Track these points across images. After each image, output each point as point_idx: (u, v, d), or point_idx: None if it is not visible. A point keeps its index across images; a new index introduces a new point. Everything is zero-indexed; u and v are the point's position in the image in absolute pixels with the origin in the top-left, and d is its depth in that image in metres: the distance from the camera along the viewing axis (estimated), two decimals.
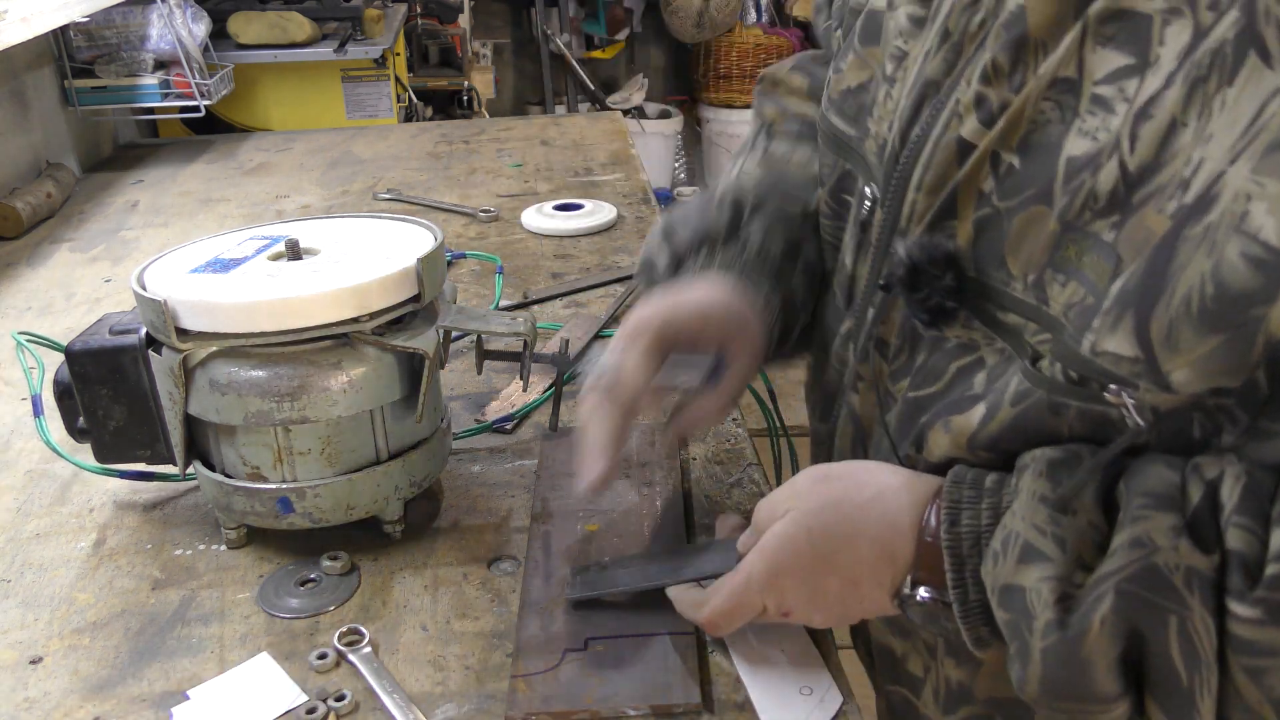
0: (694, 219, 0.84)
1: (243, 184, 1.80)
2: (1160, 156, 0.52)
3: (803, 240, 0.82)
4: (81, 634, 0.75)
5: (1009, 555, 0.57)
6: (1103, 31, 0.55)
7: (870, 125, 0.73)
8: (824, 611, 0.66)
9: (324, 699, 0.66)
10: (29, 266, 1.47)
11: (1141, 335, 0.51)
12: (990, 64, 0.59)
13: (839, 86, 0.77)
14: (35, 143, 1.80)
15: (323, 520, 0.79)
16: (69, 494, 0.91)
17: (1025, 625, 0.56)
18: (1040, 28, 0.57)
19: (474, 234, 1.52)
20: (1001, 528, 0.59)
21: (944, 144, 0.62)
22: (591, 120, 2.15)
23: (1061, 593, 0.55)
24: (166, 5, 1.95)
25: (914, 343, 0.68)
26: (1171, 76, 0.52)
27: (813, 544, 0.64)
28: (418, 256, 0.78)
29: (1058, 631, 0.54)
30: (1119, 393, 0.54)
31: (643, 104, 4.58)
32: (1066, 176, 0.56)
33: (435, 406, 0.84)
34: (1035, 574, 0.56)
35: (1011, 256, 0.60)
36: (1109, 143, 0.54)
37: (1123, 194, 0.54)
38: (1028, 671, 0.56)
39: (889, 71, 0.71)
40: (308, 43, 2.41)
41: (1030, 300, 0.59)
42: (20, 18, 1.43)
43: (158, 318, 0.74)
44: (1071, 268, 0.56)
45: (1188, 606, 0.51)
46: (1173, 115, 0.51)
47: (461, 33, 3.64)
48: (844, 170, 0.77)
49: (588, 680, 0.67)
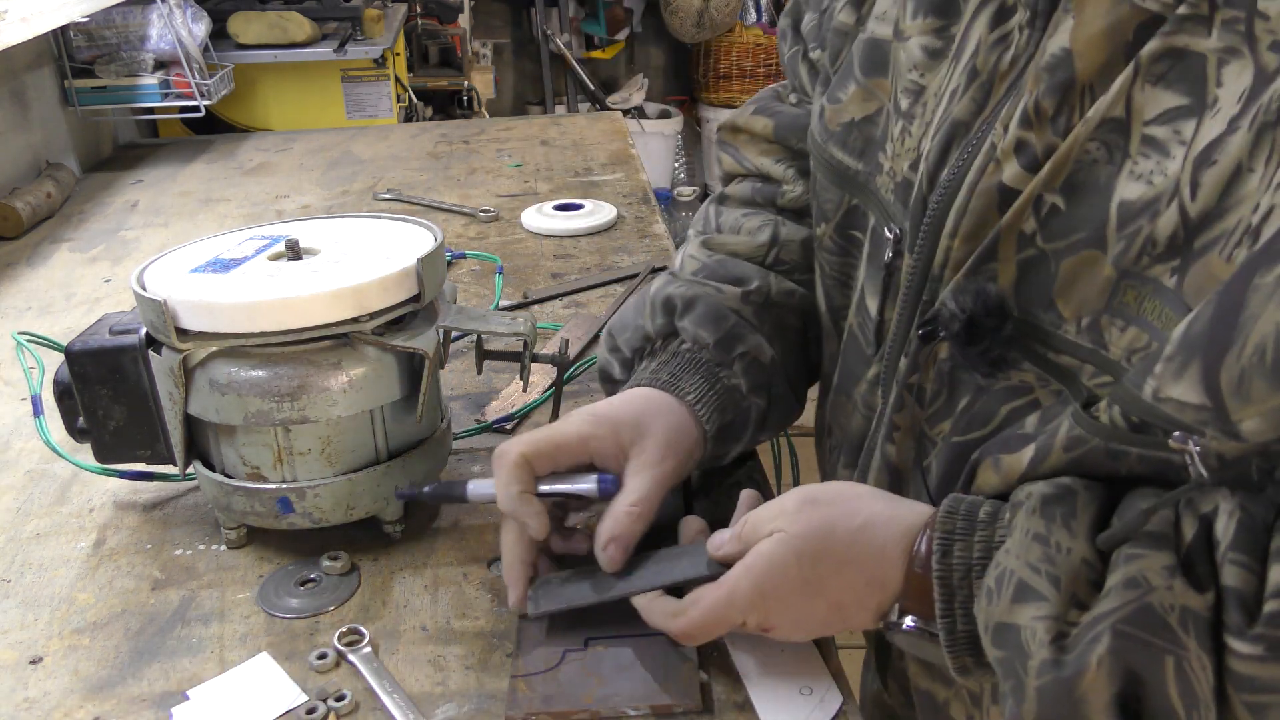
0: (631, 324, 0.84)
1: (243, 184, 1.80)
2: (1224, 202, 0.51)
3: (740, 332, 0.80)
4: (81, 634, 0.75)
5: (1003, 593, 0.57)
6: (1153, 70, 0.54)
7: (883, 161, 0.72)
8: (807, 630, 0.66)
9: (324, 699, 0.66)
10: (29, 266, 1.47)
11: (1210, 383, 0.49)
12: (1033, 108, 0.58)
13: (839, 118, 0.75)
14: (35, 143, 1.80)
15: (323, 520, 0.79)
16: (69, 494, 0.91)
17: (1020, 664, 0.55)
18: (1088, 71, 0.56)
19: (474, 234, 1.52)
20: (995, 565, 0.58)
21: (982, 191, 0.61)
22: (591, 120, 2.15)
23: (1056, 632, 0.54)
24: (166, 5, 1.95)
25: (953, 386, 0.66)
26: (1235, 121, 0.51)
27: (801, 568, 0.63)
28: (418, 256, 0.78)
29: (1053, 671, 0.53)
30: (1184, 439, 0.52)
31: (643, 104, 4.58)
32: (1121, 221, 0.55)
33: (435, 406, 0.84)
34: (1030, 612, 0.55)
35: (1061, 299, 0.59)
36: (1167, 188, 0.53)
37: (1183, 239, 0.53)
38: (1022, 709, 0.55)
39: (905, 106, 0.69)
40: (308, 43, 2.41)
41: (1085, 344, 0.58)
42: (20, 18, 1.43)
43: (158, 318, 0.74)
44: (1131, 313, 0.55)
45: (1184, 646, 0.51)
46: (1238, 161, 0.50)
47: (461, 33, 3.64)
48: (851, 205, 0.76)
49: (588, 680, 0.67)
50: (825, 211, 0.79)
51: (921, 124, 0.68)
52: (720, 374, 0.79)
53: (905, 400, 0.69)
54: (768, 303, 0.83)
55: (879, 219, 0.73)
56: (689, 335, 0.80)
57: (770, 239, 0.86)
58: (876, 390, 0.73)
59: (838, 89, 0.76)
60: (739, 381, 0.79)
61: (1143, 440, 0.55)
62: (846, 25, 0.77)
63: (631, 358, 0.84)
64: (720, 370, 0.79)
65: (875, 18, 0.73)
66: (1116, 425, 0.56)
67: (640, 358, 0.84)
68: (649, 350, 0.83)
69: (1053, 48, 0.58)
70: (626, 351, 0.84)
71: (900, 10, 0.71)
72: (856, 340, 0.77)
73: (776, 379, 0.82)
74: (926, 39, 0.68)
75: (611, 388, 0.86)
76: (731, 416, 0.79)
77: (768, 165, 0.91)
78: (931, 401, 0.68)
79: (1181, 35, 0.53)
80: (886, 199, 0.71)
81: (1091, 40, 0.56)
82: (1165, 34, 0.54)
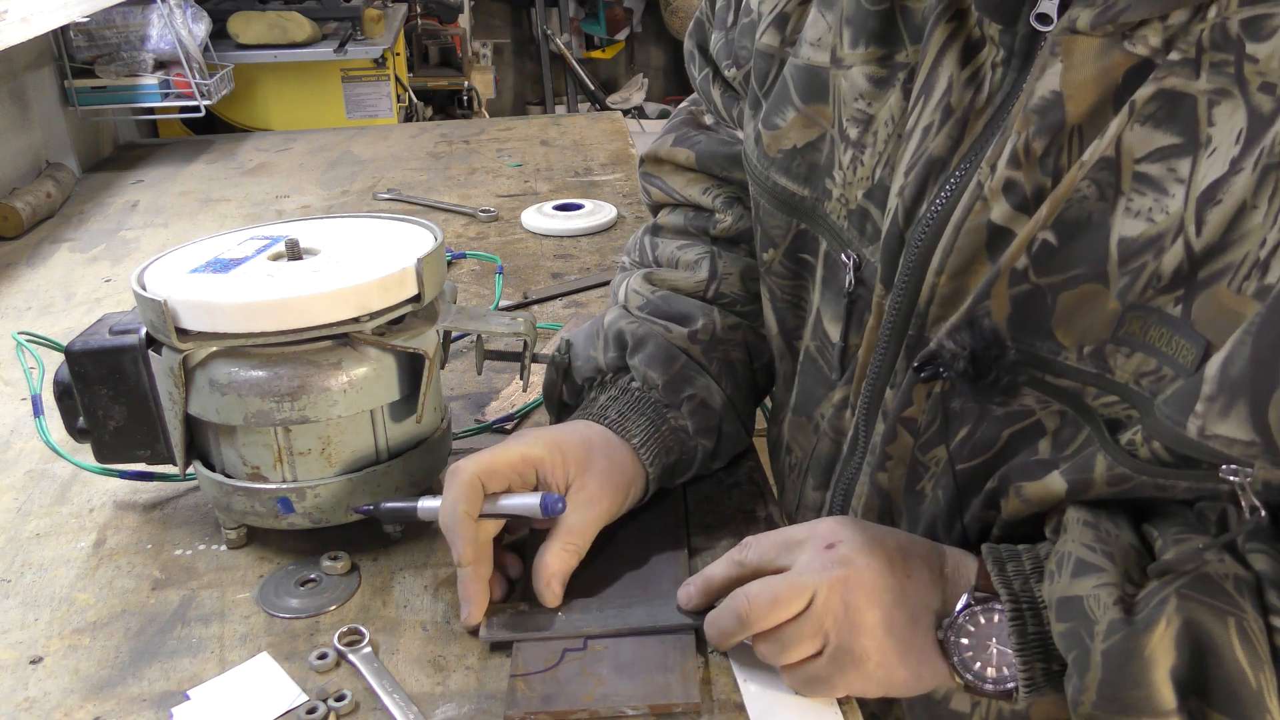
0: (583, 354, 0.86)
1: (243, 184, 1.80)
2: (1228, 237, 0.53)
3: (688, 374, 0.82)
4: (81, 634, 0.75)
5: (1063, 571, 0.59)
6: (1143, 111, 0.56)
7: (831, 187, 0.73)
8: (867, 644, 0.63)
9: (324, 699, 0.66)
10: (29, 266, 1.47)
11: (1258, 421, 0.51)
12: (1023, 149, 0.59)
13: (780, 145, 0.76)
14: (35, 143, 1.80)
15: (323, 520, 0.79)
16: (69, 494, 0.91)
17: (1085, 630, 0.57)
18: (1078, 114, 0.58)
19: (474, 234, 1.52)
20: (1053, 554, 0.61)
21: (970, 229, 0.62)
22: (591, 120, 2.15)
23: (1119, 596, 0.56)
24: (166, 5, 1.95)
25: (948, 415, 0.67)
26: (1237, 162, 0.53)
27: (872, 560, 0.63)
28: (418, 256, 0.78)
29: (1123, 629, 0.55)
30: (1235, 471, 0.54)
31: (643, 104, 4.58)
32: (1123, 258, 0.57)
33: (435, 406, 0.85)
34: (1091, 583, 0.57)
35: (1061, 330, 0.60)
36: (1171, 225, 0.55)
37: (1187, 272, 0.55)
38: (1085, 679, 0.56)
39: (854, 136, 0.70)
40: (308, 43, 2.41)
41: (1089, 369, 0.60)
42: (20, 18, 1.43)
43: (158, 318, 0.74)
44: (1137, 341, 0.57)
45: (1243, 609, 0.54)
46: (1242, 200, 0.52)
47: (461, 33, 3.65)
48: (799, 230, 0.77)
49: (587, 680, 0.67)
50: (772, 237, 0.79)
51: (874, 153, 0.69)
52: (668, 415, 0.81)
53: (898, 432, 0.69)
54: (714, 340, 0.85)
55: (831, 244, 0.74)
56: (639, 375, 0.82)
57: (710, 274, 0.88)
58: (844, 414, 0.75)
59: (774, 115, 0.76)
60: (685, 423, 0.81)
61: (1192, 474, 0.57)
62: (772, 48, 0.77)
63: (582, 386, 0.86)
64: (668, 411, 0.81)
65: (809, 44, 0.73)
66: (1162, 460, 0.57)
67: (590, 387, 0.86)
68: (599, 382, 0.85)
69: (1042, 90, 0.59)
70: (578, 380, 0.86)
71: (836, 38, 0.71)
72: (816, 363, 0.78)
73: (727, 418, 0.84)
74: (870, 68, 0.69)
75: (557, 412, 0.89)
76: (676, 457, 0.81)
77: (696, 195, 0.93)
78: (925, 430, 0.69)
79: (1171, 78, 0.55)
80: (839, 225, 0.72)
81: (1083, 84, 0.57)
82: (1157, 78, 0.55)
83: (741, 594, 0.65)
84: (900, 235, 0.66)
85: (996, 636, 0.61)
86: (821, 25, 0.72)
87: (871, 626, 0.62)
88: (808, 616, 0.63)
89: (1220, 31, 0.53)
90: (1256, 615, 0.54)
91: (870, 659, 0.62)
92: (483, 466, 0.73)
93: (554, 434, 0.77)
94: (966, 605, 0.62)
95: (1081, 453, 0.61)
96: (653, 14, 4.55)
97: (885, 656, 0.62)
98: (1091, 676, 0.56)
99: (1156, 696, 0.55)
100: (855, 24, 0.70)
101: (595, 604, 0.72)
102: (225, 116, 2.47)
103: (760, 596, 0.64)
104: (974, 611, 0.62)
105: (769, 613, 0.63)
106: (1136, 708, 0.55)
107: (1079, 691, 0.57)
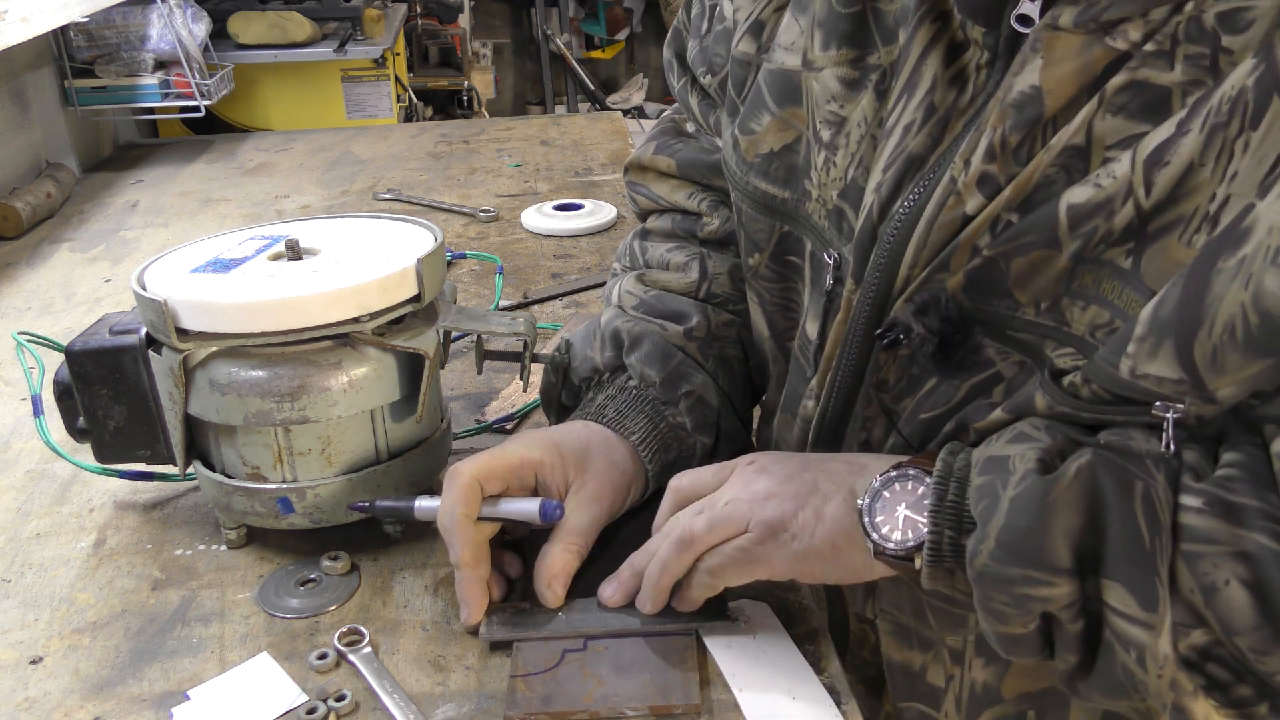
0: (580, 354, 0.86)
1: (243, 184, 1.80)
2: (1176, 193, 0.54)
3: (685, 371, 0.82)
4: (81, 634, 0.75)
5: (1001, 439, 0.61)
6: (1115, 101, 0.56)
7: (809, 188, 0.73)
8: (777, 506, 0.66)
9: (324, 699, 0.66)
10: (29, 266, 1.47)
11: (1184, 359, 0.54)
12: (999, 142, 0.60)
13: (757, 149, 0.76)
14: (35, 143, 1.80)
15: (323, 520, 0.79)
16: (69, 494, 0.91)
17: (1000, 481, 0.58)
18: (1055, 107, 0.58)
19: (474, 234, 1.52)
20: (1000, 432, 0.62)
21: (944, 223, 0.63)
22: (591, 120, 2.15)
23: (1042, 457, 0.58)
24: (166, 5, 1.95)
25: (914, 375, 0.68)
26: (1184, 124, 0.53)
27: (788, 458, 0.69)
28: (418, 256, 0.78)
29: (1033, 477, 0.57)
30: (1165, 408, 0.56)
31: (643, 104, 4.59)
32: (1072, 223, 0.58)
33: (435, 406, 0.85)
34: (1023, 446, 0.59)
35: (1018, 289, 0.61)
36: (1119, 189, 0.56)
37: (1137, 226, 0.56)
38: (988, 527, 0.57)
39: (826, 137, 0.71)
40: (308, 43, 2.41)
41: (1047, 322, 0.61)
42: (20, 18, 1.43)
43: (158, 318, 0.74)
44: (1090, 293, 0.59)
45: (1153, 477, 0.55)
46: (1190, 160, 0.53)
47: (461, 33, 3.65)
48: (783, 232, 0.77)
49: (587, 680, 0.67)
50: (757, 241, 0.80)
51: (846, 154, 0.70)
52: (665, 412, 0.81)
53: (871, 397, 0.71)
54: (709, 337, 0.85)
55: (815, 244, 0.74)
56: (636, 373, 0.82)
57: (700, 274, 0.89)
58: (810, 402, 0.76)
59: (750, 120, 0.77)
60: (683, 420, 0.81)
61: (1125, 410, 0.58)
62: (748, 55, 0.77)
63: (579, 387, 0.86)
64: (666, 409, 0.81)
65: (782, 48, 0.74)
66: (1101, 399, 0.59)
67: (588, 388, 0.86)
68: (596, 381, 0.85)
69: (1020, 85, 0.59)
70: (575, 380, 0.86)
71: (808, 40, 0.72)
72: (798, 362, 0.79)
73: (725, 415, 0.84)
74: (842, 70, 0.70)
75: (557, 414, 0.88)
76: (675, 454, 0.81)
77: (681, 200, 0.93)
78: (894, 387, 0.70)
79: (1144, 69, 0.55)
80: (820, 225, 0.73)
81: (1062, 79, 0.58)
82: (1130, 68, 0.56)
83: (677, 520, 0.69)
84: (873, 231, 0.67)
85: (907, 503, 0.62)
86: (795, 29, 0.73)
87: (789, 497, 0.66)
88: (731, 499, 0.67)
89: (1196, 25, 0.54)
90: (1166, 488, 0.55)
91: (787, 528, 0.65)
92: (481, 469, 0.73)
93: (552, 436, 0.77)
94: (885, 473, 0.64)
95: (1024, 391, 0.63)
96: (653, 14, 4.55)
97: (803, 525, 0.65)
98: (994, 524, 0.57)
99: (1052, 549, 0.55)
100: (827, 27, 0.70)
101: (595, 604, 0.72)
102: (225, 116, 2.47)
103: (698, 518, 0.68)
104: (890, 478, 0.63)
105: (707, 532, 0.67)
106: (1030, 558, 0.56)
107: (979, 541, 0.58)
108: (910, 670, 0.76)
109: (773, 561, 0.66)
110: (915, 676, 0.76)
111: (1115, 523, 0.55)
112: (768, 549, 0.66)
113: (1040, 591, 0.56)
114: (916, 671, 0.76)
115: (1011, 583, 0.56)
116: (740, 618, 0.71)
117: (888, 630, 0.77)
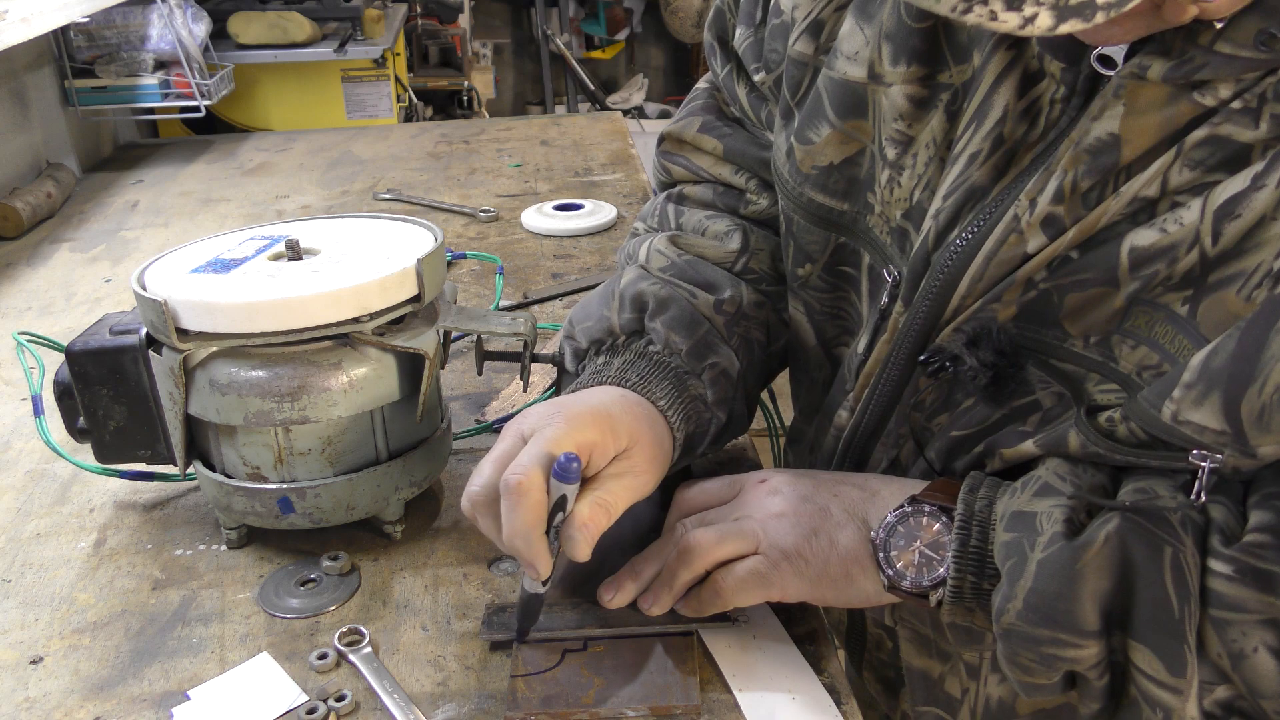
0: (595, 314, 0.80)
1: (243, 184, 1.80)
2: (1243, 245, 0.54)
3: (711, 341, 0.78)
4: (82, 634, 0.75)
5: (1026, 490, 0.61)
6: (1192, 155, 0.56)
7: (872, 201, 0.72)
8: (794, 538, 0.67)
9: (324, 699, 0.66)
10: (29, 266, 1.47)
11: (1230, 412, 0.54)
12: (1070, 186, 0.59)
13: (814, 161, 0.74)
14: (35, 143, 1.80)
15: (323, 520, 0.79)
16: (69, 494, 0.91)
17: (1028, 541, 0.58)
18: (1132, 156, 0.58)
19: (474, 234, 1.52)
20: (1025, 478, 0.62)
21: (1001, 260, 0.62)
22: (591, 120, 2.15)
23: (1069, 517, 0.58)
24: (166, 5, 1.95)
25: (951, 392, 0.68)
26: (1260, 178, 0.53)
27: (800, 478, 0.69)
28: (418, 256, 0.78)
29: (1061, 541, 0.56)
30: (1203, 457, 0.56)
31: (643, 104, 4.59)
32: (1133, 264, 0.57)
33: (435, 406, 0.85)
34: (1049, 502, 0.59)
35: (1068, 321, 0.61)
36: (1185, 237, 0.56)
37: (1198, 274, 0.56)
38: (1016, 587, 0.58)
39: (892, 157, 0.69)
40: (308, 43, 2.41)
41: (1094, 356, 0.61)
42: (20, 18, 1.43)
43: (158, 318, 0.74)
44: (1142, 334, 0.58)
45: (1182, 542, 0.55)
46: (1263, 214, 0.53)
47: (461, 33, 3.65)
48: (839, 243, 0.76)
49: (587, 680, 0.67)
50: (810, 253, 0.78)
51: (913, 175, 0.68)
52: (688, 382, 0.76)
53: (908, 417, 0.71)
54: (739, 314, 0.81)
55: (875, 259, 0.73)
56: (660, 338, 0.77)
57: (741, 246, 0.84)
58: (845, 413, 0.75)
59: (808, 129, 0.74)
60: (705, 392, 0.77)
61: (1160, 455, 0.58)
62: (805, 55, 0.75)
63: (587, 349, 0.80)
64: (689, 378, 0.76)
65: (845, 57, 0.71)
66: (1135, 439, 0.58)
67: (599, 351, 0.80)
68: (609, 345, 0.79)
69: (1098, 131, 0.58)
70: (583, 341, 0.80)
71: (875, 53, 0.69)
72: (841, 371, 0.78)
73: (738, 395, 0.80)
74: (911, 88, 0.68)
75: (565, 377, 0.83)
76: (694, 428, 0.76)
77: (727, 175, 0.89)
78: (929, 406, 0.70)
79: (1227, 125, 0.55)
80: (882, 240, 0.72)
81: (1143, 129, 0.57)
82: (1212, 124, 0.55)
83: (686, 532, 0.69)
84: (927, 258, 0.66)
85: (922, 540, 0.62)
86: (859, 38, 0.70)
87: (803, 521, 0.66)
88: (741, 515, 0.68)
89: None
90: (1195, 552, 0.55)
91: (801, 554, 0.66)
92: (542, 474, 0.65)
93: (602, 410, 0.69)
94: (900, 508, 0.64)
95: (1058, 428, 0.62)
96: (653, 14, 4.55)
97: (816, 552, 0.66)
98: (1022, 585, 0.57)
99: (1080, 613, 0.56)
100: (896, 41, 0.68)
101: (595, 604, 0.72)
102: (225, 116, 2.46)
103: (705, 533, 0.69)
104: (905, 513, 0.64)
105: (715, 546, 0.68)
106: (1059, 621, 0.56)
107: (1006, 600, 0.58)
108: (930, 677, 0.76)
109: (786, 586, 0.67)
110: (934, 684, 0.76)
111: (1144, 589, 0.55)
112: (782, 574, 0.66)
113: (1068, 653, 0.57)
114: (935, 679, 0.76)
115: (1039, 643, 0.57)
116: (740, 618, 0.71)
117: (907, 637, 0.77)
